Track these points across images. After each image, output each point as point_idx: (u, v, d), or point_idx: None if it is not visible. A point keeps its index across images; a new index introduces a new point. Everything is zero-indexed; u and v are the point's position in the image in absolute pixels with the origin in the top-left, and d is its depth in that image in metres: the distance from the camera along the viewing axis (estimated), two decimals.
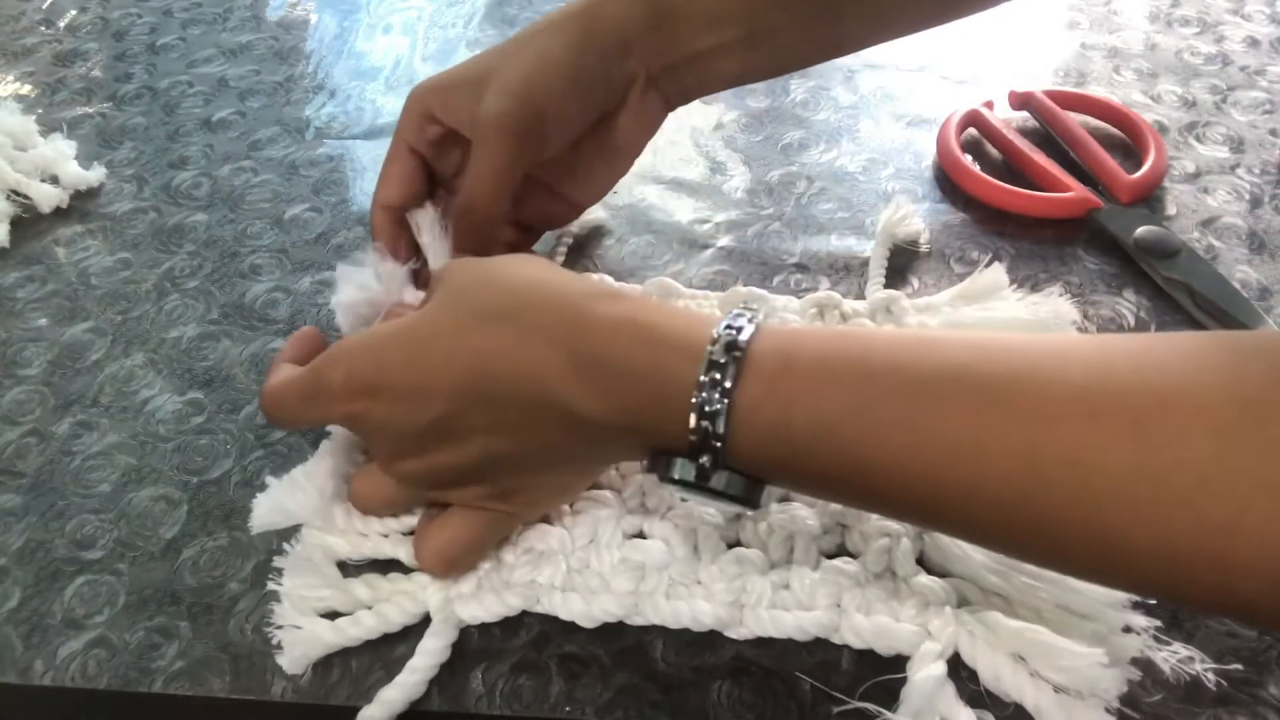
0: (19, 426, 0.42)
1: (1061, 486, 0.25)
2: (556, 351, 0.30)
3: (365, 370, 0.33)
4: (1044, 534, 0.26)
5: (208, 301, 0.47)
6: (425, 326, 0.33)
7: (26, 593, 0.37)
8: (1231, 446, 0.24)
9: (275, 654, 0.34)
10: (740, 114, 0.57)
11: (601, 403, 0.30)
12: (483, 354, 0.31)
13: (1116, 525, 0.25)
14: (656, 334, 0.30)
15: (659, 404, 0.29)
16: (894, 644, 0.33)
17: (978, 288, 0.43)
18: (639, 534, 0.36)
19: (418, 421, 0.32)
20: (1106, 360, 0.26)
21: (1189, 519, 0.24)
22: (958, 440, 0.27)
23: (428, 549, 0.34)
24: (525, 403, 0.31)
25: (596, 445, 0.32)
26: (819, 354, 0.29)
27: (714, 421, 0.28)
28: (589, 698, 0.33)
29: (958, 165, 0.51)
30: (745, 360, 0.29)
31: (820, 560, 0.36)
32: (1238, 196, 0.50)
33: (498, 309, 0.31)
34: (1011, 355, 0.27)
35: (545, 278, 0.33)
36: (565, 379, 0.30)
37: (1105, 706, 0.31)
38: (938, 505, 0.28)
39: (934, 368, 0.28)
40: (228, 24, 0.66)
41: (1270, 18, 0.62)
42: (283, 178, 0.54)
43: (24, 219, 0.52)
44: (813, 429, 0.28)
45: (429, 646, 0.34)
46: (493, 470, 0.33)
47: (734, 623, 0.34)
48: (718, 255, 0.48)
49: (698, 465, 0.29)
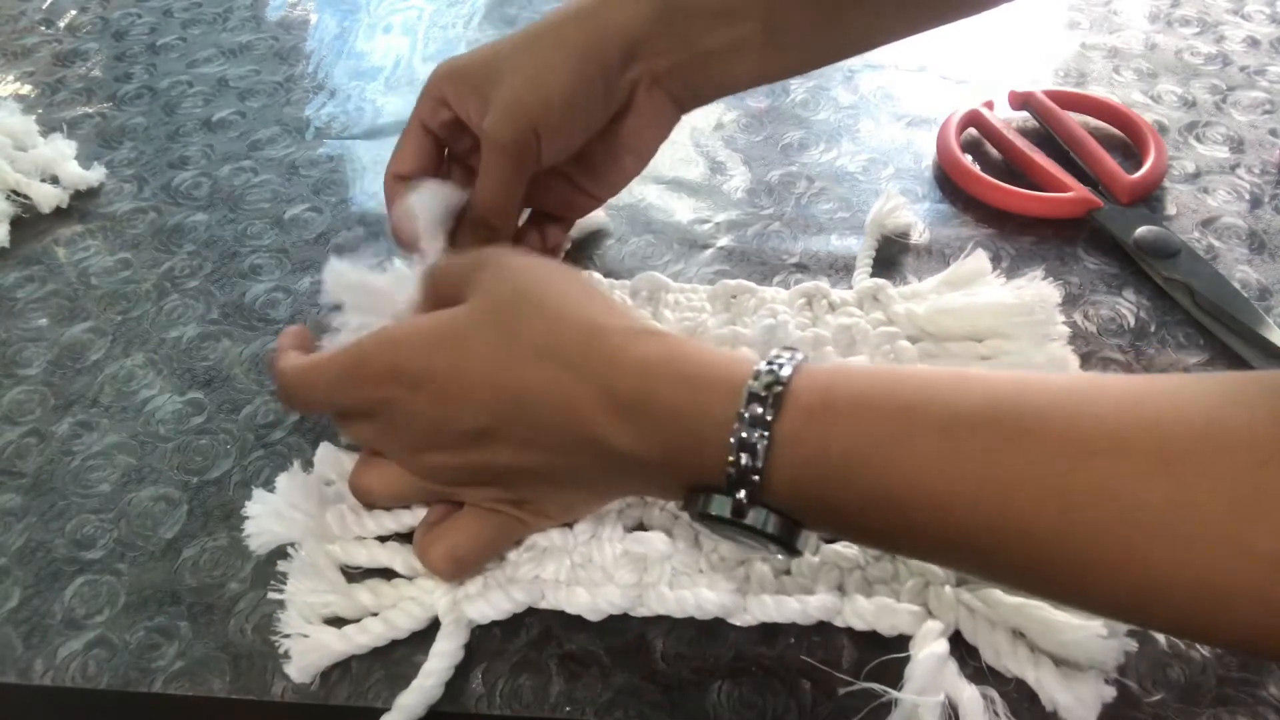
0: (19, 426, 0.42)
1: (1095, 520, 0.25)
2: (596, 389, 0.30)
3: (412, 364, 0.33)
4: (1077, 570, 0.26)
5: (208, 301, 0.47)
6: (472, 336, 0.33)
7: (26, 593, 0.37)
8: (1270, 479, 0.23)
9: (282, 662, 0.34)
10: (740, 114, 0.57)
11: (639, 440, 0.30)
12: (527, 387, 0.31)
13: (1155, 561, 0.24)
14: (696, 372, 0.30)
15: (697, 440, 0.29)
16: (896, 624, 0.33)
17: (962, 274, 0.44)
18: (640, 526, 0.37)
19: (454, 424, 0.32)
20: (1139, 396, 0.26)
21: (1231, 553, 0.23)
22: (990, 473, 0.26)
23: (437, 550, 0.34)
24: (564, 433, 0.31)
25: (631, 478, 0.33)
26: (857, 388, 0.29)
27: (753, 455, 0.28)
28: (589, 698, 0.33)
29: (958, 165, 0.51)
30: (786, 395, 0.29)
31: (820, 545, 0.36)
32: (1238, 196, 0.50)
33: (543, 345, 0.32)
34: (1045, 391, 0.27)
35: (587, 310, 0.33)
36: (604, 416, 0.30)
37: (1105, 678, 0.31)
38: (970, 539, 0.27)
39: (968, 402, 0.27)
40: (228, 24, 0.66)
41: (1270, 18, 0.62)
42: (283, 178, 0.54)
43: (24, 219, 0.52)
44: (847, 460, 0.28)
45: (442, 649, 0.34)
46: (517, 478, 0.33)
47: (738, 610, 0.34)
48: (718, 255, 0.48)
49: (734, 501, 0.29)
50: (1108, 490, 0.25)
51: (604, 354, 0.31)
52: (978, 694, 0.31)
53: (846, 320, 0.43)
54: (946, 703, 0.31)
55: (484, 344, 0.32)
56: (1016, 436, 0.26)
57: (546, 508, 0.35)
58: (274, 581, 0.35)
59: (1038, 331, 0.41)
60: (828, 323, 0.44)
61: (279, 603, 0.35)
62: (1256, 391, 0.25)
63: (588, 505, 0.36)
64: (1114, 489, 0.25)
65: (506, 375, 0.32)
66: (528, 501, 0.34)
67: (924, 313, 0.42)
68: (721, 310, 0.45)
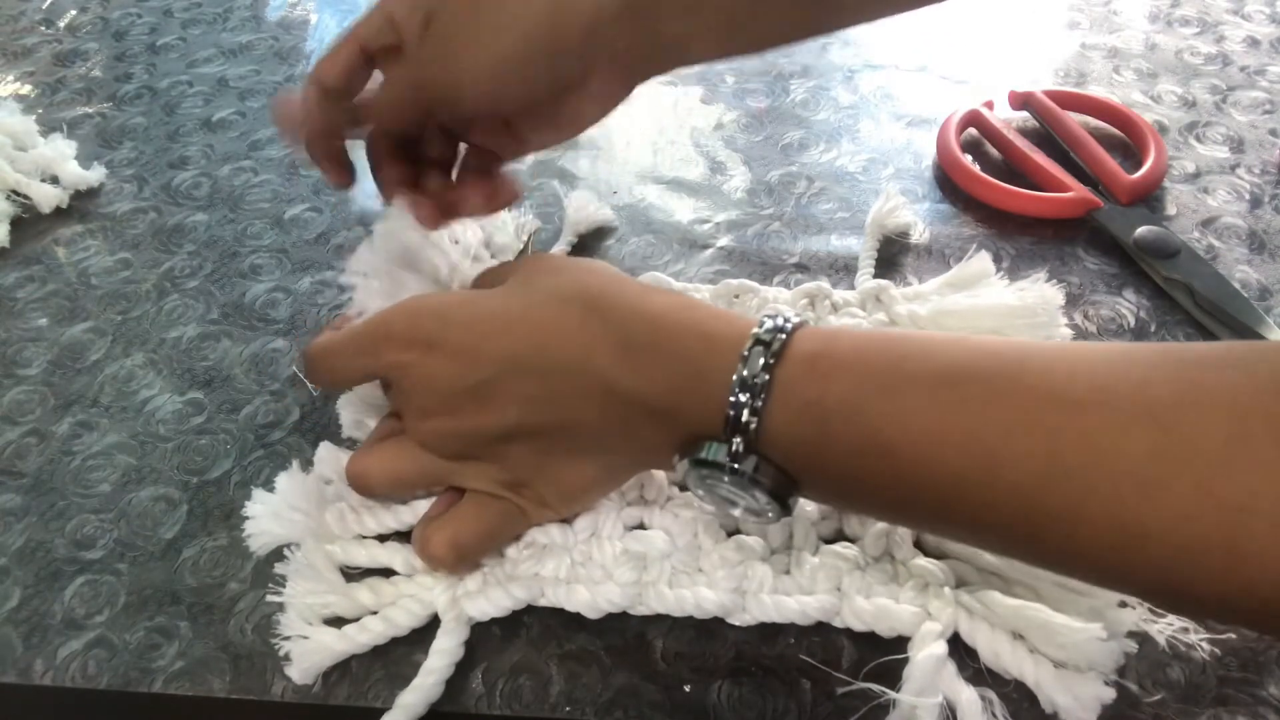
0: (19, 426, 0.42)
1: (1080, 472, 0.26)
2: (611, 331, 0.32)
3: (428, 323, 0.34)
4: (1060, 522, 0.27)
5: (208, 301, 0.47)
6: (496, 298, 0.35)
7: (26, 593, 0.37)
8: (1245, 431, 0.24)
9: (283, 664, 0.34)
10: (740, 114, 0.57)
11: (643, 380, 0.31)
12: (543, 326, 0.33)
13: (1132, 510, 0.25)
14: (705, 323, 0.32)
15: (699, 382, 0.31)
16: (895, 625, 0.33)
17: (965, 276, 0.44)
18: (639, 525, 0.37)
19: (464, 381, 0.33)
20: (1128, 356, 0.27)
21: (1204, 502, 0.24)
22: (981, 422, 0.27)
23: (438, 539, 0.34)
24: (570, 376, 0.32)
25: (630, 428, 0.33)
26: (855, 343, 0.30)
27: (754, 395, 0.29)
28: (589, 698, 0.33)
29: (958, 165, 0.51)
30: (788, 343, 0.30)
31: (820, 545, 0.36)
32: (1238, 196, 0.50)
33: (567, 292, 0.34)
34: (1037, 350, 0.29)
35: (612, 273, 0.35)
36: (613, 356, 0.32)
37: (1104, 680, 0.31)
38: (961, 488, 0.28)
39: (962, 358, 0.29)
40: (228, 24, 0.66)
41: (1270, 18, 0.62)
42: (283, 178, 0.54)
43: (24, 219, 0.52)
44: (842, 408, 0.29)
45: (443, 646, 0.34)
46: (514, 447, 0.34)
47: (737, 609, 0.34)
48: (718, 255, 0.48)
49: (730, 447, 0.30)
50: (1092, 441, 0.26)
51: (623, 300, 0.33)
52: (976, 695, 0.31)
53: (849, 321, 0.43)
54: (945, 704, 0.31)
55: (508, 304, 0.34)
56: (1007, 390, 0.27)
57: (545, 492, 0.35)
58: (273, 583, 0.35)
59: (1040, 333, 0.42)
60: (830, 323, 0.44)
61: (279, 604, 0.35)
62: (1236, 357, 0.26)
63: (586, 494, 0.36)
64: (1098, 440, 0.26)
65: (525, 318, 0.33)
66: (526, 486, 0.35)
67: (927, 314, 0.43)
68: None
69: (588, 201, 0.49)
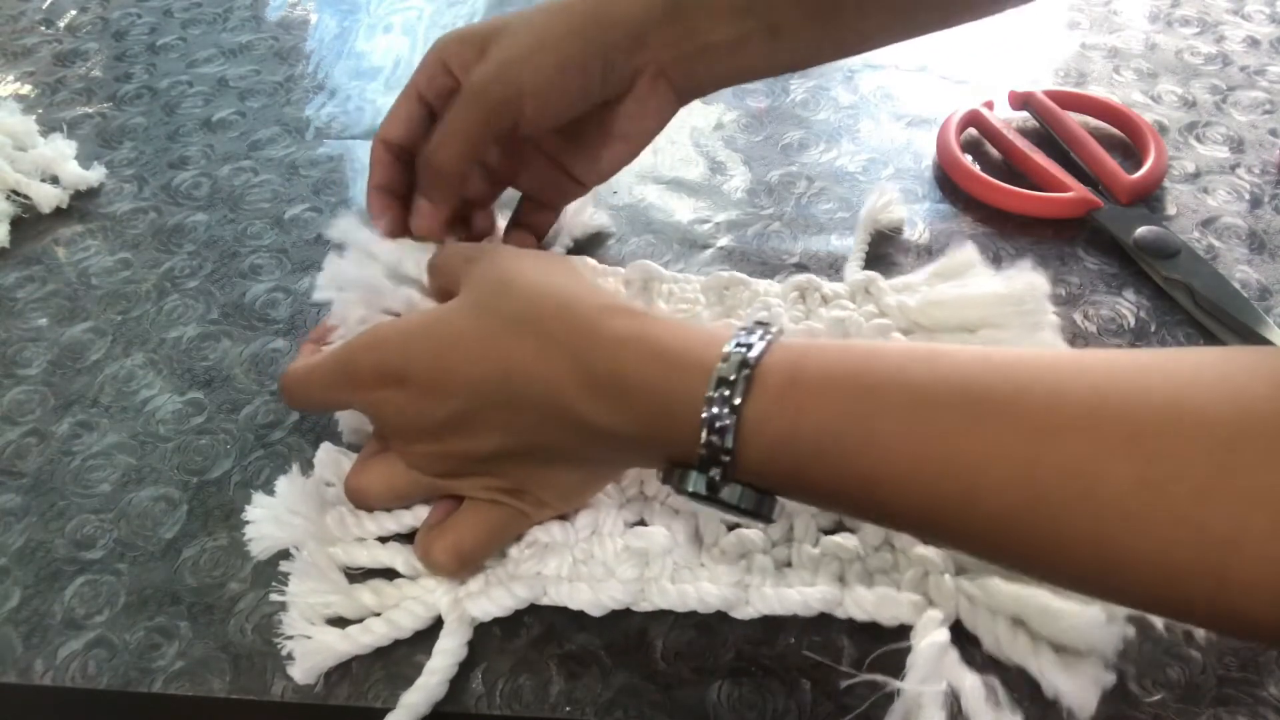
0: (19, 426, 0.42)
1: (1061, 498, 0.25)
2: (571, 364, 0.31)
3: (393, 361, 0.34)
4: (1044, 547, 0.26)
5: (208, 301, 0.47)
6: (455, 323, 0.34)
7: (26, 593, 0.37)
8: (1232, 461, 0.24)
9: (285, 663, 0.34)
10: (740, 114, 0.57)
11: (613, 416, 0.31)
12: (504, 356, 0.32)
13: (1116, 538, 0.25)
14: (667, 350, 0.30)
15: (669, 418, 0.30)
16: (897, 614, 0.34)
17: (952, 266, 0.44)
18: (640, 522, 0.37)
19: (438, 413, 0.33)
20: (1109, 374, 0.26)
21: (1188, 532, 0.24)
22: (958, 451, 0.27)
23: (440, 545, 0.34)
24: (542, 411, 0.32)
25: (611, 453, 0.33)
26: (825, 367, 0.29)
27: (722, 436, 0.29)
28: (589, 698, 0.33)
29: (958, 165, 0.51)
30: (754, 376, 0.29)
31: (820, 537, 0.36)
32: (1238, 196, 0.50)
33: (522, 316, 0.33)
34: (1015, 368, 0.27)
35: (567, 288, 0.33)
36: (578, 391, 0.31)
37: (1104, 663, 0.31)
38: (940, 516, 0.28)
39: (937, 379, 0.28)
40: (228, 24, 0.66)
41: (1270, 18, 0.62)
42: (283, 178, 0.54)
43: (24, 219, 0.52)
44: (817, 441, 0.28)
45: (446, 646, 0.34)
46: (505, 464, 0.34)
47: (739, 603, 0.34)
48: (718, 255, 0.48)
49: (708, 479, 0.30)
50: (1073, 469, 0.25)
51: (577, 326, 0.32)
52: (979, 682, 0.31)
53: (839, 313, 0.43)
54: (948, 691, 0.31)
55: (466, 330, 0.33)
56: (983, 416, 0.27)
57: (544, 495, 0.35)
58: (275, 583, 0.35)
59: (1029, 320, 0.41)
60: (821, 315, 0.44)
61: (280, 603, 0.35)
62: (1226, 371, 0.25)
63: (584, 489, 0.36)
64: (1079, 468, 0.25)
65: (489, 353, 0.32)
66: (524, 490, 0.35)
67: (915, 305, 0.43)
68: (715, 303, 0.45)
69: (584, 206, 0.49)
